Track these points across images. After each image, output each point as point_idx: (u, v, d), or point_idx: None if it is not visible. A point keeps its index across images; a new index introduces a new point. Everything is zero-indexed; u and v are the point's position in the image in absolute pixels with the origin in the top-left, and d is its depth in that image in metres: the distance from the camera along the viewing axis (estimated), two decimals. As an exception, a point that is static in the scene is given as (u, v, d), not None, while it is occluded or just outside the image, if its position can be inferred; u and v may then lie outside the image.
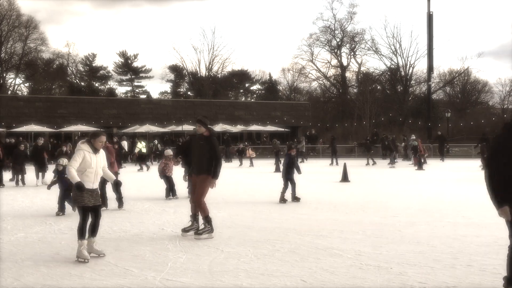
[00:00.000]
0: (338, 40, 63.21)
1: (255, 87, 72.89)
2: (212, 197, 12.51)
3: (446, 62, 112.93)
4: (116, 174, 10.06)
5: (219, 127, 41.87)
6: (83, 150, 6.12)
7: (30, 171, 17.00)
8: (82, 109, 42.32)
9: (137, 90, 70.60)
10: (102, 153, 6.35)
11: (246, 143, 30.51)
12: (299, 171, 11.67)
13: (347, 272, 5.43)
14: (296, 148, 15.06)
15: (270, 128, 44.46)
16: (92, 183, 6.13)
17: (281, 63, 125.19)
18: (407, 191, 13.49)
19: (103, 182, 8.97)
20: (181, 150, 10.54)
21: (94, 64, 68.27)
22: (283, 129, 43.92)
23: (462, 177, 17.63)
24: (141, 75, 69.86)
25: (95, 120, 40.67)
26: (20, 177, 16.30)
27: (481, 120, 48.73)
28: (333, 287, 4.94)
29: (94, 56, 68.07)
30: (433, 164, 24.86)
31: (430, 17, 47.14)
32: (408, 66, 60.27)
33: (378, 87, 63.44)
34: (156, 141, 32.02)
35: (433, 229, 7.81)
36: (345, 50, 64.14)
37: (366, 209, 10.09)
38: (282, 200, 11.12)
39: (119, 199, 10.45)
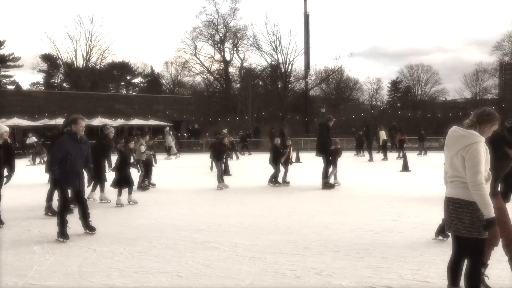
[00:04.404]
0: (221, 35, 63.73)
1: (137, 80, 70.76)
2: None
3: (322, 60, 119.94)
4: None
5: (97, 121, 39.95)
6: None
7: None
8: None
9: (4, 80, 64.45)
10: None
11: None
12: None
13: (223, 264, 5.51)
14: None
15: (152, 122, 43.51)
16: None
17: (164, 56, 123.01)
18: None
19: None
20: None
21: (-49, 50, 60.92)
22: (165, 123, 43.21)
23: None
24: (8, 63, 63.78)
25: (-48, 113, 36.45)
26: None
27: (352, 115, 52.56)
28: (208, 279, 4.98)
29: (-50, 41, 60.79)
30: (309, 158, 26.12)
31: (307, 17, 49.57)
32: (287, 63, 62.75)
33: (260, 83, 65.25)
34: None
35: (305, 219, 8.23)
36: (228, 45, 64.90)
37: (245, 202, 10.32)
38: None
39: None
